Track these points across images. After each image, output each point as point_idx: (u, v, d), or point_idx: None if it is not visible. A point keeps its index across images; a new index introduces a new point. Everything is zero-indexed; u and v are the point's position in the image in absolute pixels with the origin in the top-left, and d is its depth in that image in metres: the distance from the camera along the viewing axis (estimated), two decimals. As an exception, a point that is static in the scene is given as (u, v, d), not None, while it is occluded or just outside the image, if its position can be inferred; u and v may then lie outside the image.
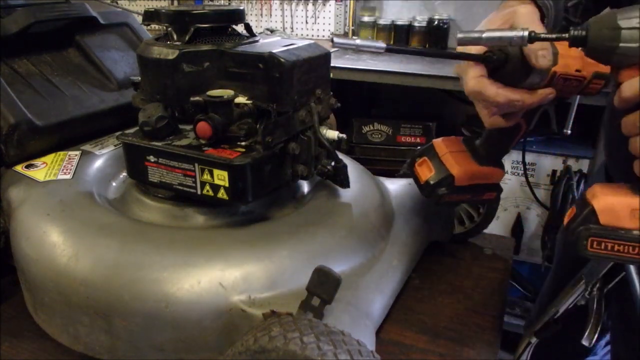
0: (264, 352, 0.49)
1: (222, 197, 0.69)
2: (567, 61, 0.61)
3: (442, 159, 0.74)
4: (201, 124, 0.66)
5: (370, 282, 0.69)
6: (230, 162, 0.66)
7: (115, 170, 0.87)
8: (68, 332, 0.68)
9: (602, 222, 0.53)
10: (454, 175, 0.73)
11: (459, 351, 0.72)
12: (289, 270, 0.65)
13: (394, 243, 0.78)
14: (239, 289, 0.62)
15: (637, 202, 0.52)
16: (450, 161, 0.73)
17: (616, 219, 0.53)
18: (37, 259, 0.68)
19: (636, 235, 0.52)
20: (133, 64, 1.04)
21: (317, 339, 0.48)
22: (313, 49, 0.75)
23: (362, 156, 2.13)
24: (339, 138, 0.76)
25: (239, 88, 0.72)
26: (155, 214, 0.77)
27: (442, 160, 0.74)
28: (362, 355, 0.47)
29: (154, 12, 0.76)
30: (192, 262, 0.64)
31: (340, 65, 1.91)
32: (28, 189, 0.78)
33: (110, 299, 0.63)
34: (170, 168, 0.71)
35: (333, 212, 0.78)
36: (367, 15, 2.62)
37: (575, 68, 0.62)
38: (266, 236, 0.70)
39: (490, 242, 1.02)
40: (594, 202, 0.54)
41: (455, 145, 0.76)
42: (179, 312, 0.61)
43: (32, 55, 0.93)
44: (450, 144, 0.75)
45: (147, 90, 0.77)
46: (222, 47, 0.72)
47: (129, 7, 3.05)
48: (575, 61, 0.62)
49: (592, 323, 0.74)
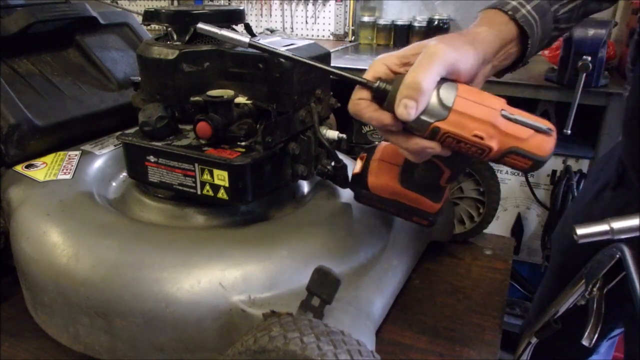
0: (264, 352, 0.49)
1: (222, 197, 0.69)
2: (465, 122, 0.52)
3: (370, 163, 0.71)
4: (201, 124, 0.66)
5: (370, 282, 0.69)
6: (230, 162, 0.66)
7: (115, 170, 0.87)
8: (68, 332, 0.68)
9: None
10: (367, 183, 0.71)
11: (459, 351, 0.72)
12: (289, 270, 0.65)
13: (394, 243, 0.78)
14: (238, 289, 0.62)
15: None
16: (373, 169, 0.71)
17: None
18: (37, 259, 0.68)
19: None
20: (133, 64, 1.05)
21: (317, 339, 0.48)
22: (313, 49, 0.75)
23: (362, 156, 2.13)
24: (339, 138, 0.76)
25: (239, 88, 0.72)
26: (155, 214, 0.77)
27: (369, 165, 0.71)
28: (362, 355, 0.47)
29: (154, 12, 0.76)
30: (192, 262, 0.64)
31: (341, 65, 1.91)
32: (28, 189, 0.78)
33: (110, 299, 0.63)
34: (170, 168, 0.71)
35: (333, 212, 0.78)
36: (367, 15, 2.63)
37: (474, 133, 0.52)
38: (266, 236, 0.70)
39: (490, 242, 1.02)
40: None
41: (393, 158, 0.71)
42: (179, 312, 0.61)
43: (32, 55, 0.94)
44: (389, 154, 0.71)
45: (147, 90, 0.77)
46: (222, 47, 0.72)
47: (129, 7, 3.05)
48: (479, 125, 0.52)
49: (592, 323, 0.74)
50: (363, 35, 2.64)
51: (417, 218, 0.71)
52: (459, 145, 0.54)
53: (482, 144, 0.53)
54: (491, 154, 0.54)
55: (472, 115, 0.52)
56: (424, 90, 0.51)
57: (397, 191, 0.69)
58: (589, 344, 0.74)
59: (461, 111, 0.52)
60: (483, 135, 0.52)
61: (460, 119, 0.52)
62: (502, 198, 2.14)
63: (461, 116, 0.52)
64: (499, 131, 0.52)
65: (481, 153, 0.54)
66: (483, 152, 0.54)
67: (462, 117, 0.52)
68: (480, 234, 1.02)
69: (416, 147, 0.55)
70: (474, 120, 0.52)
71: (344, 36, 2.76)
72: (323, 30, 2.80)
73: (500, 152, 0.54)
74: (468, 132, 0.52)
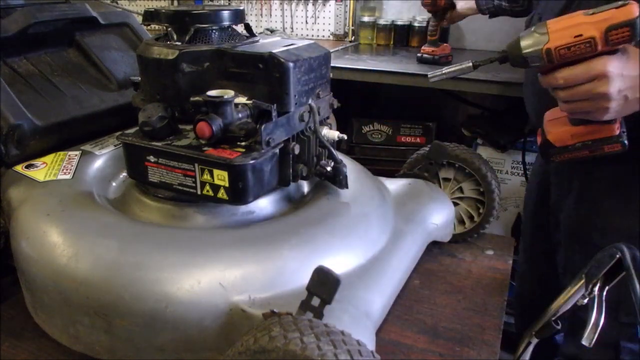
0: (264, 352, 0.49)
1: (222, 197, 0.69)
2: (562, 33, 0.70)
3: (544, 128, 0.86)
4: (201, 124, 0.66)
5: (370, 282, 0.69)
6: (230, 162, 0.66)
7: (115, 170, 0.87)
8: (68, 332, 0.68)
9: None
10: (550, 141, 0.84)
11: (459, 351, 0.72)
12: (289, 270, 0.65)
13: (394, 243, 0.78)
14: (239, 289, 0.62)
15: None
16: (547, 129, 0.85)
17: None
18: (37, 259, 0.68)
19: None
20: (133, 64, 1.04)
21: (317, 339, 0.48)
22: (313, 49, 0.75)
23: (362, 156, 2.13)
24: (339, 138, 0.76)
25: (239, 88, 0.72)
26: (155, 214, 0.77)
27: (543, 130, 0.86)
28: (362, 355, 0.47)
29: (154, 12, 0.76)
30: (192, 262, 0.64)
31: (341, 65, 1.91)
32: (28, 189, 0.78)
33: (110, 299, 0.63)
34: (170, 168, 0.71)
35: (333, 212, 0.78)
36: (367, 15, 2.62)
37: (574, 34, 0.70)
38: (266, 236, 0.70)
39: (490, 242, 1.02)
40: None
41: (557, 113, 0.85)
42: (179, 312, 0.61)
43: (32, 55, 0.94)
44: (552, 113, 0.85)
45: (147, 90, 0.77)
46: (222, 47, 0.72)
47: (129, 7, 3.05)
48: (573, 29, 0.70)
49: (592, 323, 0.74)
50: (363, 35, 2.64)
51: (608, 147, 0.81)
52: (572, 51, 0.70)
53: (585, 38, 0.69)
54: (597, 42, 0.69)
55: (564, 26, 0.71)
56: None
57: (574, 131, 0.82)
58: (588, 344, 0.74)
59: (554, 29, 0.71)
60: (581, 32, 0.69)
61: (559, 34, 0.71)
62: (502, 198, 2.14)
63: (558, 32, 0.71)
64: (589, 24, 0.69)
65: (590, 46, 0.70)
66: (591, 45, 0.69)
67: (558, 32, 0.71)
68: (480, 234, 1.02)
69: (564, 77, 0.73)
70: (568, 28, 0.70)
71: (344, 36, 2.76)
72: (323, 31, 2.79)
73: (603, 37, 0.69)
74: (570, 37, 0.70)
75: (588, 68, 0.72)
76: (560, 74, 0.74)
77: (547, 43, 0.71)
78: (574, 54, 0.71)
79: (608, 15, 0.68)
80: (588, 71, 0.72)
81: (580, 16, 0.70)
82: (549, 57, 0.72)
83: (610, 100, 0.73)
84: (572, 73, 0.73)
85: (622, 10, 0.68)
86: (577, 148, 0.82)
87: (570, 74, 0.73)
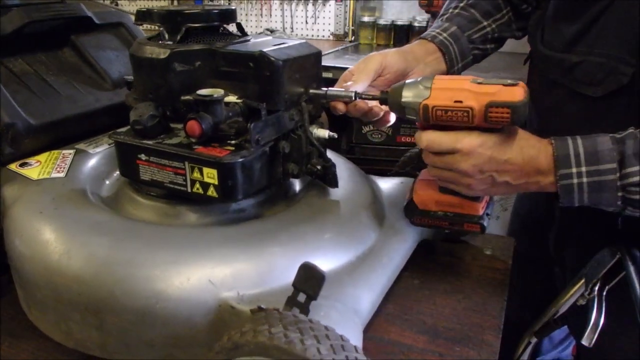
0: (250, 346, 0.50)
1: (211, 194, 0.69)
2: (444, 94, 0.65)
3: (414, 187, 0.82)
4: (191, 122, 0.67)
5: (358, 279, 0.69)
6: (219, 160, 0.67)
7: (109, 168, 0.88)
8: (60, 328, 0.69)
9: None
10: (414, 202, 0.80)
11: (459, 351, 0.72)
12: (278, 267, 0.66)
13: (384, 241, 0.79)
14: (228, 286, 0.63)
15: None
16: (416, 188, 0.81)
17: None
18: (30, 256, 0.69)
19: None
20: (128, 63, 1.04)
21: (301, 334, 0.48)
22: (304, 48, 0.76)
23: (362, 156, 2.13)
24: (329, 137, 0.77)
25: (230, 87, 0.73)
26: (147, 212, 0.77)
27: (413, 187, 0.82)
28: (345, 350, 0.48)
29: (146, 12, 0.77)
30: (182, 259, 0.64)
31: (341, 65, 1.91)
32: (22, 187, 0.78)
33: (102, 296, 0.63)
34: (161, 166, 0.71)
35: (323, 210, 0.78)
36: (367, 15, 2.63)
37: (454, 99, 0.64)
38: (256, 234, 0.70)
39: (490, 242, 1.01)
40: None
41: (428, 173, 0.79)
42: (169, 309, 0.62)
43: (27, 54, 0.94)
44: (427, 173, 0.78)
45: (139, 89, 0.78)
46: (213, 46, 0.73)
47: (129, 7, 3.07)
48: (456, 93, 0.64)
49: (592, 323, 0.74)
50: (363, 35, 2.65)
51: (467, 225, 0.78)
52: (449, 115, 0.65)
53: (464, 106, 0.64)
54: (475, 115, 0.64)
55: (449, 87, 0.66)
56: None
57: (439, 199, 0.78)
58: (588, 344, 0.74)
59: (438, 86, 0.66)
60: (461, 98, 0.64)
61: (440, 93, 0.66)
62: (503, 198, 2.14)
63: (440, 90, 0.66)
64: (473, 93, 0.64)
65: (467, 116, 0.65)
66: (468, 114, 0.64)
67: (441, 91, 0.66)
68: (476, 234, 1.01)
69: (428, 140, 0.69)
70: (451, 90, 0.65)
71: (344, 36, 2.76)
72: (323, 30, 2.80)
73: (482, 110, 0.64)
74: (450, 100, 0.65)
75: (455, 139, 0.66)
76: (427, 136, 0.69)
77: (427, 99, 0.66)
78: (450, 119, 0.66)
79: (493, 90, 0.63)
80: (454, 142, 0.66)
81: (467, 82, 0.65)
82: (425, 114, 0.67)
83: (471, 177, 0.68)
84: (438, 139, 0.68)
85: (508, 89, 0.62)
86: (439, 217, 0.78)
87: (435, 139, 0.68)
